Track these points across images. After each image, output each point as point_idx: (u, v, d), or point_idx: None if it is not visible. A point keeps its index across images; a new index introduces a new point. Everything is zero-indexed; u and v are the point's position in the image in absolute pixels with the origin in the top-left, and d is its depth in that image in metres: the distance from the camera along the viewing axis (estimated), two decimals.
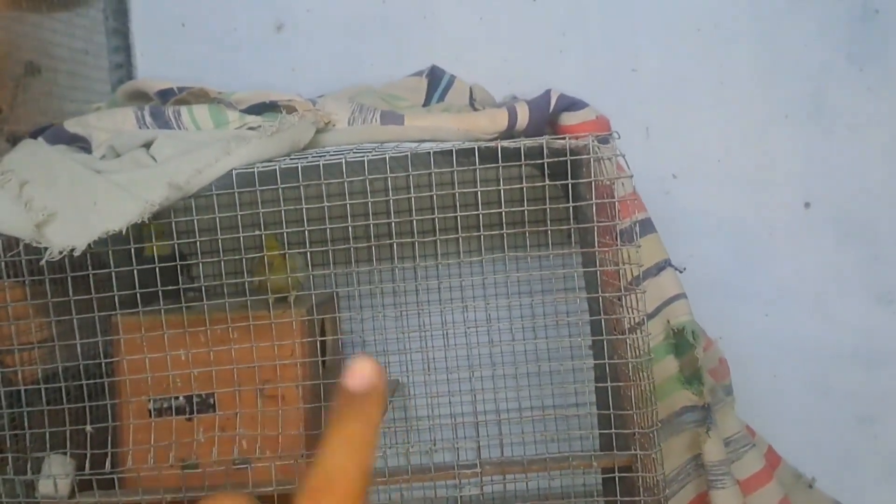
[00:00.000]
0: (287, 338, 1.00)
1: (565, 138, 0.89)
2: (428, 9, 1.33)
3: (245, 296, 0.97)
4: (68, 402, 0.96)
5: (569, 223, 0.99)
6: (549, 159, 0.89)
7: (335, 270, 0.98)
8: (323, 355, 1.09)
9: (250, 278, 0.99)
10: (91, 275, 0.94)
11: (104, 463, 0.95)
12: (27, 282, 0.95)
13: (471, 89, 1.19)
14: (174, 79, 1.12)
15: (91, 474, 0.94)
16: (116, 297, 0.94)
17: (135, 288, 0.95)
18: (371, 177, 0.89)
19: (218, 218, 0.93)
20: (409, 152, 0.90)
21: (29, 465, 0.94)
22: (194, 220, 0.95)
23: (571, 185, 0.93)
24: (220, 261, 0.94)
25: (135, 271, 0.94)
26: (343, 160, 0.89)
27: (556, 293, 1.05)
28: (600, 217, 0.92)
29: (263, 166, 0.91)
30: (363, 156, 0.90)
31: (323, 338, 1.10)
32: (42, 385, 0.97)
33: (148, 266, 0.94)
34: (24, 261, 0.93)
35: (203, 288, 0.99)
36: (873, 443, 1.36)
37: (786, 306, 1.36)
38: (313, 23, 1.34)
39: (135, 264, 0.93)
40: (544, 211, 0.94)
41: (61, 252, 0.87)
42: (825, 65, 1.32)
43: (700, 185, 1.34)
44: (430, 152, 0.90)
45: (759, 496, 1.10)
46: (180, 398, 1.03)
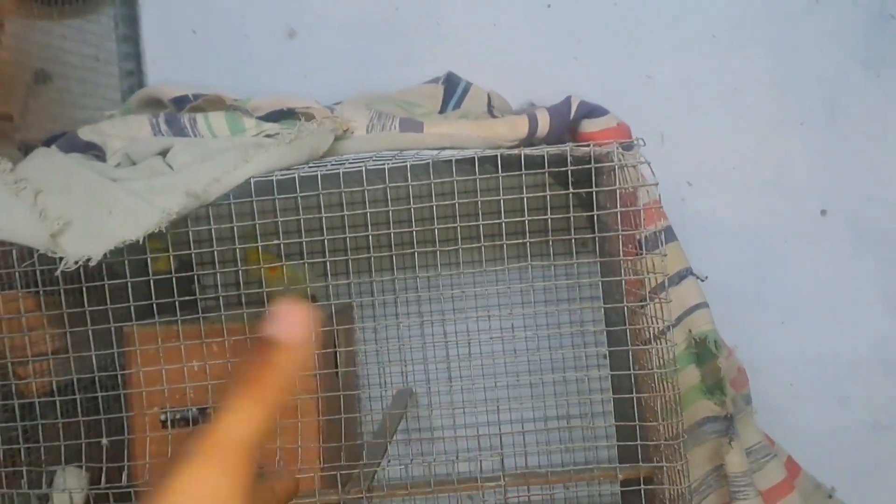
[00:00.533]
0: None
1: (589, 145, 0.88)
2: (441, 15, 1.32)
3: (255, 307, 0.95)
4: (80, 414, 0.95)
5: (585, 231, 0.98)
6: (572, 167, 0.87)
7: (355, 280, 0.96)
8: (336, 367, 1.07)
9: (248, 290, 0.97)
10: (106, 285, 0.93)
11: (116, 476, 0.93)
12: (41, 292, 0.93)
13: (489, 96, 1.18)
14: (186, 86, 1.11)
15: (107, 488, 0.92)
16: (132, 307, 0.92)
17: (145, 299, 0.94)
18: (392, 185, 0.88)
19: (216, 229, 0.91)
20: (431, 160, 0.89)
21: (44, 478, 0.93)
22: (190, 231, 0.93)
23: (590, 193, 0.92)
24: (216, 272, 0.93)
25: (151, 282, 0.93)
26: (363, 168, 0.88)
27: (581, 302, 1.04)
28: (623, 225, 0.91)
29: (282, 174, 0.90)
30: (384, 163, 0.89)
31: (337, 349, 1.09)
32: (57, 397, 0.96)
33: (164, 276, 0.93)
34: (38, 271, 0.92)
35: (220, 298, 0.97)
36: (891, 451, 1.35)
37: (802, 314, 1.35)
38: (326, 30, 1.33)
39: (150, 274, 0.92)
40: (561, 219, 0.93)
41: (77, 262, 0.85)
42: (841, 71, 1.32)
43: (715, 192, 1.34)
44: (451, 160, 0.89)
45: None
46: (194, 410, 1.01)
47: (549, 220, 0.90)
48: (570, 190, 0.87)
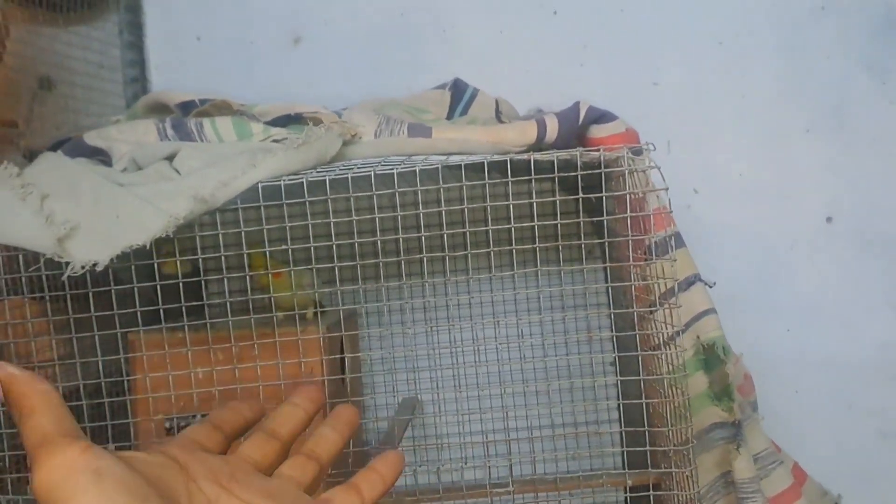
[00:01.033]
0: (306, 355, 0.98)
1: (599, 150, 0.87)
2: (447, 21, 1.32)
3: (260, 313, 0.95)
4: (86, 420, 0.94)
5: (591, 238, 0.97)
6: (582, 171, 0.87)
7: (362, 286, 0.96)
8: (342, 373, 1.07)
9: (256, 296, 0.97)
10: (113, 291, 0.92)
11: None
12: (47, 298, 0.93)
13: (496, 102, 1.17)
14: (192, 91, 1.10)
15: None
16: (139, 313, 0.92)
17: (151, 305, 0.94)
18: (400, 189, 0.88)
19: (224, 235, 0.91)
20: (440, 165, 0.89)
21: None
22: (198, 237, 0.93)
23: (598, 198, 0.92)
24: (224, 278, 0.93)
25: (158, 287, 0.92)
26: (372, 173, 0.88)
27: (589, 308, 1.04)
28: (632, 231, 0.91)
29: (290, 179, 0.90)
30: (392, 168, 0.88)
31: (343, 355, 1.08)
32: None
33: (171, 282, 0.92)
34: (44, 276, 0.91)
35: (228, 304, 0.97)
36: None
37: (808, 321, 1.34)
38: (331, 36, 1.32)
39: (158, 280, 0.91)
40: (570, 225, 0.92)
41: (83, 267, 0.85)
42: (847, 78, 1.32)
43: (721, 199, 1.33)
44: (461, 165, 0.88)
45: None
46: (200, 417, 1.01)
47: (558, 226, 0.90)
48: (581, 195, 0.87)
